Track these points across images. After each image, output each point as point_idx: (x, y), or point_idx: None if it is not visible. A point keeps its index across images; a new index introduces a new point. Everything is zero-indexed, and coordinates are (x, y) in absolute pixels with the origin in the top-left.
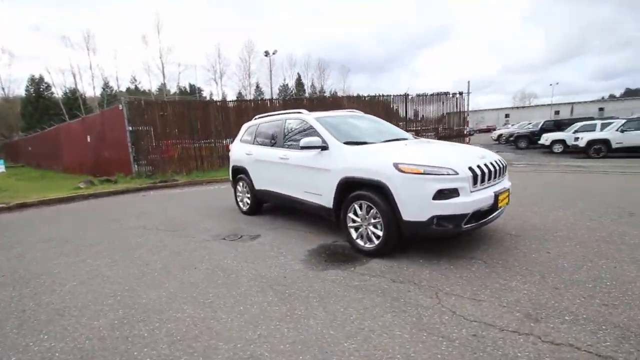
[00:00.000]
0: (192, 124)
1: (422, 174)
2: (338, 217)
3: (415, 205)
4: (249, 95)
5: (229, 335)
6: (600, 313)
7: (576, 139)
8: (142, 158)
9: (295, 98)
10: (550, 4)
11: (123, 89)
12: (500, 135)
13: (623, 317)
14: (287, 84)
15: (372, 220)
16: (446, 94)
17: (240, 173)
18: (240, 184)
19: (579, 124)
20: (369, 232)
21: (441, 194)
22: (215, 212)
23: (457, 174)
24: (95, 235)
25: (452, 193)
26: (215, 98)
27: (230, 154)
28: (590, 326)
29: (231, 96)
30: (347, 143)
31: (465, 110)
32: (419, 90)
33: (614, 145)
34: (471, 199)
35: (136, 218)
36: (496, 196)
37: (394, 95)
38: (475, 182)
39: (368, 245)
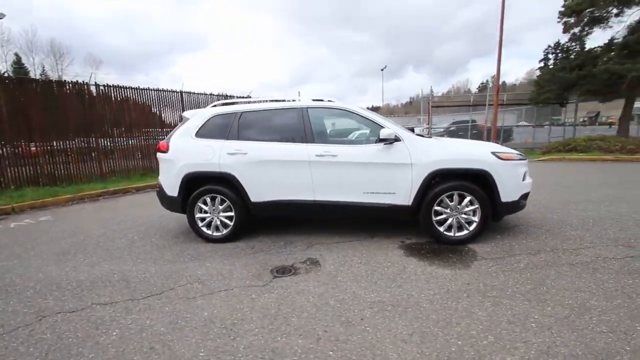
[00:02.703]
0: None
1: (514, 160)
2: (416, 215)
3: (512, 187)
4: None
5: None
6: None
7: None
8: None
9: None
10: (291, 38)
11: None
12: None
13: None
14: None
15: (466, 209)
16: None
17: (208, 183)
18: (209, 200)
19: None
20: (461, 221)
21: (524, 176)
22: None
23: (525, 159)
24: None
25: (526, 175)
26: None
27: (172, 155)
28: None
29: None
30: None
31: None
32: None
33: None
34: (530, 179)
35: None
36: None
37: (237, 97)
38: None
39: (459, 234)
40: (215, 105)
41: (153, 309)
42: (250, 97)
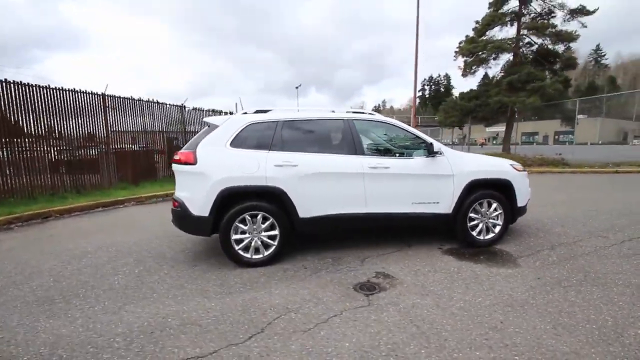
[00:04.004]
0: None
1: (522, 171)
2: (453, 222)
3: (523, 194)
4: None
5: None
6: None
7: None
8: None
9: None
10: (189, 48)
11: None
12: None
13: None
14: None
15: (493, 214)
16: (220, 112)
17: (249, 199)
18: (248, 218)
19: None
20: (489, 225)
21: (527, 185)
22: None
23: (526, 171)
24: None
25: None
26: None
27: (203, 168)
28: None
29: None
30: None
31: None
32: None
33: None
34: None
35: None
36: None
37: (169, 104)
38: None
39: (487, 237)
40: (246, 113)
41: (276, 349)
42: (184, 105)
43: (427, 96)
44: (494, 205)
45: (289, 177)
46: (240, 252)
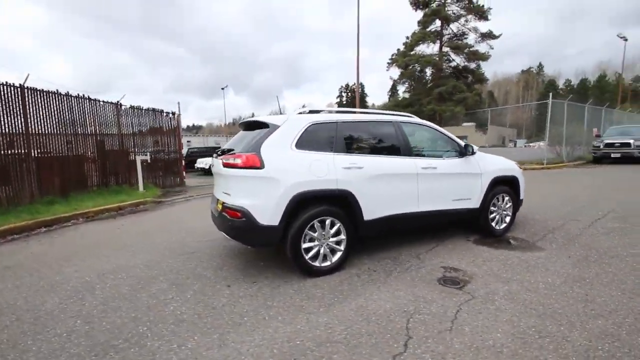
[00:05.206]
0: None
1: (521, 169)
2: (479, 215)
3: (523, 188)
4: None
5: None
6: None
7: None
8: None
9: None
10: (79, 37)
11: None
12: None
13: None
14: None
15: (507, 206)
16: (160, 111)
17: (319, 204)
18: (317, 224)
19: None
20: (503, 216)
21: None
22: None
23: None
24: None
25: None
26: None
27: (272, 172)
28: None
29: None
30: None
31: (180, 132)
32: None
33: None
34: None
35: None
36: None
37: (103, 102)
38: None
39: (501, 227)
40: (301, 113)
41: (446, 352)
42: (120, 103)
43: (344, 103)
44: (506, 198)
45: (356, 180)
46: (310, 261)
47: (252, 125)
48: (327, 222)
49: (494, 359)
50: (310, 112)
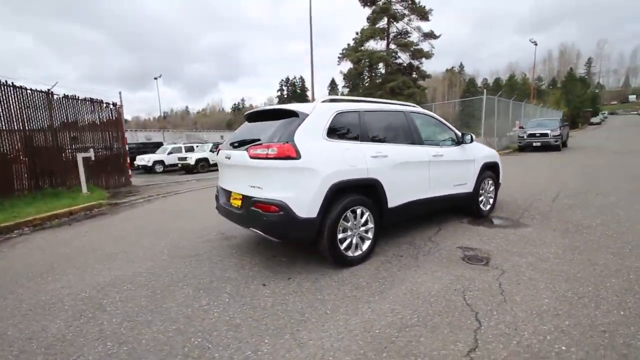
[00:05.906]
0: None
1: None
2: (473, 199)
3: (501, 173)
4: None
5: None
6: None
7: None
8: None
9: None
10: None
11: None
12: None
13: None
14: None
15: (491, 189)
16: (100, 102)
17: (353, 193)
18: (349, 214)
19: (169, 147)
20: (488, 198)
21: None
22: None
23: None
24: None
25: None
26: None
27: (308, 162)
28: None
29: None
30: None
31: (122, 124)
32: None
33: (211, 162)
34: None
35: None
36: None
37: (31, 90)
38: None
39: (487, 208)
40: (324, 101)
41: (516, 322)
42: (52, 92)
43: (285, 96)
44: (490, 182)
45: (382, 168)
46: (344, 252)
47: (270, 115)
48: (358, 211)
49: (556, 321)
50: (331, 100)
